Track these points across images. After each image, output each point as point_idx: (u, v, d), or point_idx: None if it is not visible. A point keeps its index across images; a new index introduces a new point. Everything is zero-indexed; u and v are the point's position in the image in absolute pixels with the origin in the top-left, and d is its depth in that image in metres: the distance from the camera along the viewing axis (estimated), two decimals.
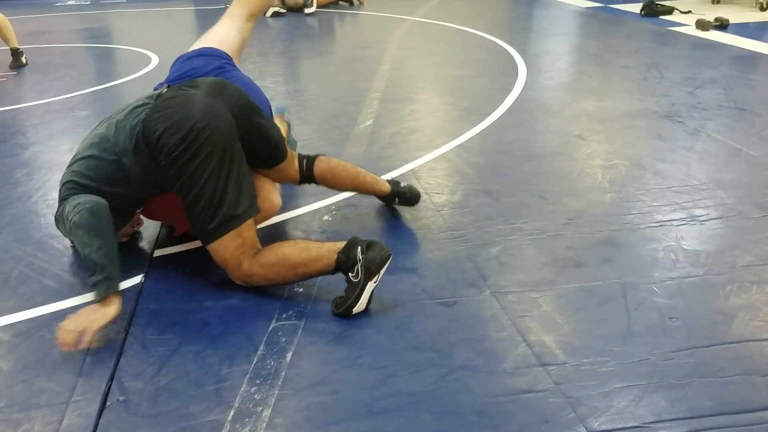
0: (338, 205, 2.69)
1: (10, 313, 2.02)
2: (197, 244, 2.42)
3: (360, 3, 8.50)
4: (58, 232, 2.53)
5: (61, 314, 2.00)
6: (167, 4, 9.07)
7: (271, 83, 4.69)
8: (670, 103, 3.88)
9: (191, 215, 1.98)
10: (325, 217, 2.59)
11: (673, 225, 2.44)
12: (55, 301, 2.07)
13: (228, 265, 2.03)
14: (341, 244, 1.97)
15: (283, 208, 2.67)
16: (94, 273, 1.87)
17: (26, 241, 2.46)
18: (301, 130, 3.61)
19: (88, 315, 1.85)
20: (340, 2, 8.43)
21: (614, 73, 4.62)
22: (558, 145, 3.27)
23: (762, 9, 6.97)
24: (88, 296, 2.07)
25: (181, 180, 1.93)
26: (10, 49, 5.37)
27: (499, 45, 5.71)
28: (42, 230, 2.55)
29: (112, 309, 1.86)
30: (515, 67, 4.90)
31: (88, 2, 9.52)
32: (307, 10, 7.71)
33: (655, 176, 2.86)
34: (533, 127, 3.57)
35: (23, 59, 5.41)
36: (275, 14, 7.73)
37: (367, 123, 3.72)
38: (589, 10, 7.50)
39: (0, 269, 2.27)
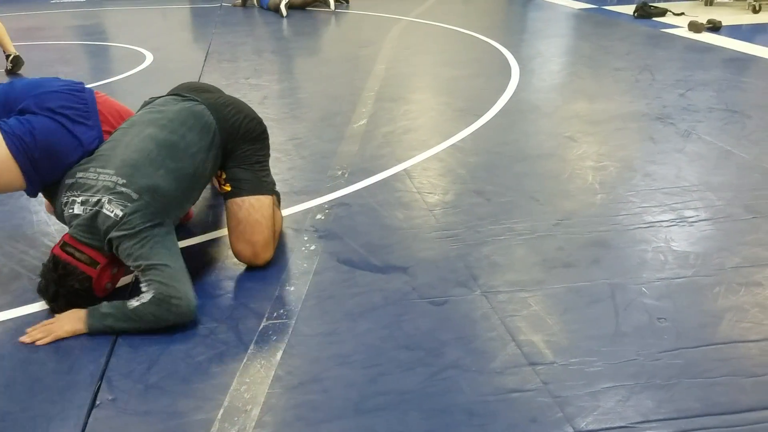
0: (331, 204, 2.69)
1: (0, 311, 2.02)
2: (190, 242, 2.42)
3: (346, 3, 8.43)
4: (50, 230, 2.53)
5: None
6: (162, 2, 9.06)
7: (266, 81, 4.69)
8: (662, 105, 3.90)
9: (253, 174, 2.25)
10: (318, 216, 2.59)
11: (662, 226, 2.45)
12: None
13: (264, 221, 2.20)
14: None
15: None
16: (109, 314, 1.89)
17: (18, 238, 2.46)
18: (296, 129, 3.62)
19: (63, 323, 1.90)
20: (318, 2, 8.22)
21: (607, 75, 4.63)
22: (550, 147, 3.29)
23: (755, 11, 7.00)
24: None
25: (258, 152, 2.29)
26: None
27: (493, 46, 5.73)
28: (34, 227, 2.55)
29: (80, 331, 1.90)
30: (509, 68, 4.92)
31: None
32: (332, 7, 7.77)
33: (646, 178, 2.88)
34: (526, 128, 3.58)
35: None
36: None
37: (362, 122, 3.73)
38: (583, 11, 7.52)
39: None
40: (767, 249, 2.27)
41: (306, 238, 2.42)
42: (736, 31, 6.04)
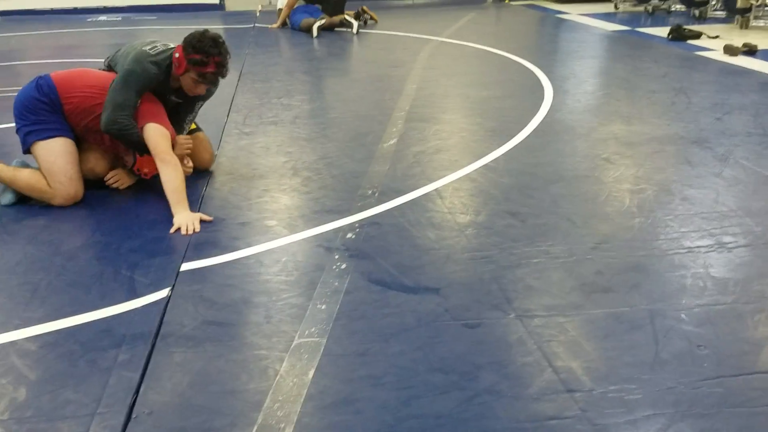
0: (361, 223, 2.69)
1: (38, 323, 2.05)
2: (224, 258, 2.43)
3: (375, 21, 8.54)
4: (87, 242, 2.56)
5: (90, 325, 2.02)
6: (195, 22, 9.23)
7: (297, 101, 4.73)
8: (699, 128, 3.85)
9: None
10: (349, 235, 2.59)
11: (701, 252, 2.40)
12: (83, 312, 2.10)
13: None
14: None
15: (305, 225, 2.69)
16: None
17: (55, 252, 2.50)
18: (327, 148, 3.64)
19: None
20: (344, 24, 8.16)
21: (642, 97, 4.59)
22: (585, 168, 3.25)
23: None
24: (117, 308, 2.10)
25: None
26: None
27: (525, 66, 5.71)
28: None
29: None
30: (542, 88, 4.90)
31: (119, 18, 9.72)
32: (354, 30, 7.84)
33: (683, 202, 2.83)
34: (560, 149, 3.56)
35: None
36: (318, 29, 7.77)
37: (392, 141, 3.73)
38: (616, 33, 7.49)
39: (30, 279, 2.30)
40: None
41: (337, 257, 2.42)
42: None
